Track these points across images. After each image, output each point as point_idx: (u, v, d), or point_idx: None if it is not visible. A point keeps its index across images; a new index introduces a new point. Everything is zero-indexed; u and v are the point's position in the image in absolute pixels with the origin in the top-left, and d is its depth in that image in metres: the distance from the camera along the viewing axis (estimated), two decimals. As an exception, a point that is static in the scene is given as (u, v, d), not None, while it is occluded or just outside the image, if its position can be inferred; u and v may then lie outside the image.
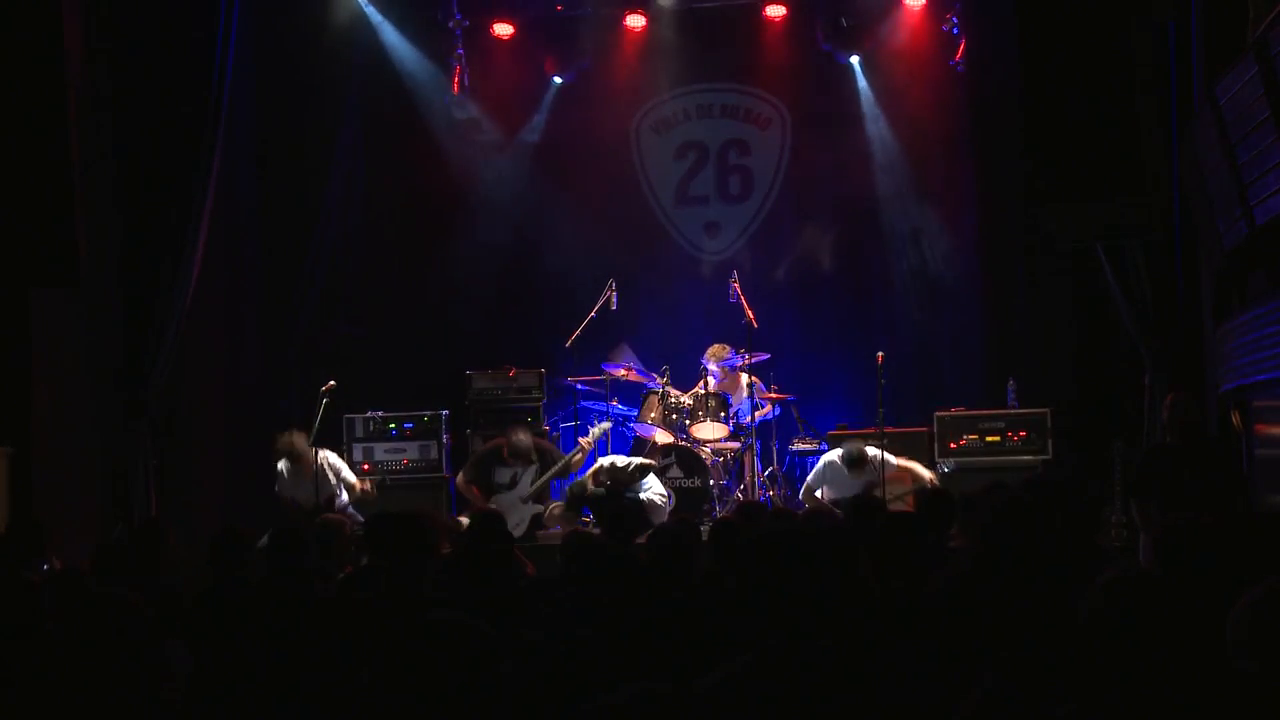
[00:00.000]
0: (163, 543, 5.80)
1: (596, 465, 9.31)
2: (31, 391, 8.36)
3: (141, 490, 9.00)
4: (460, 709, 2.69)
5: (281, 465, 9.02)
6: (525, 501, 9.38)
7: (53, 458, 8.44)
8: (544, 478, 9.41)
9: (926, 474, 9.16)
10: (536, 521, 9.38)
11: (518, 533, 8.90)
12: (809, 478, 9.23)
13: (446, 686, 2.71)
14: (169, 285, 9.08)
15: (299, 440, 8.88)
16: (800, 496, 9.32)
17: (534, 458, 9.43)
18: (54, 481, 8.39)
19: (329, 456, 9.05)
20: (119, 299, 9.14)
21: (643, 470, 9.31)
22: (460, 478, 9.62)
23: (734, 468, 10.13)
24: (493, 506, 9.27)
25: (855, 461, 8.85)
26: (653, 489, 9.29)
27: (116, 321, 9.14)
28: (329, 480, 8.92)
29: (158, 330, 9.07)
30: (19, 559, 5.85)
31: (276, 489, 9.06)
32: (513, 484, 9.43)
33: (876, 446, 9.12)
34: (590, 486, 9.23)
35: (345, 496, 9.01)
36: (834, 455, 9.10)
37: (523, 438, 9.41)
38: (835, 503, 8.86)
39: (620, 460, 9.37)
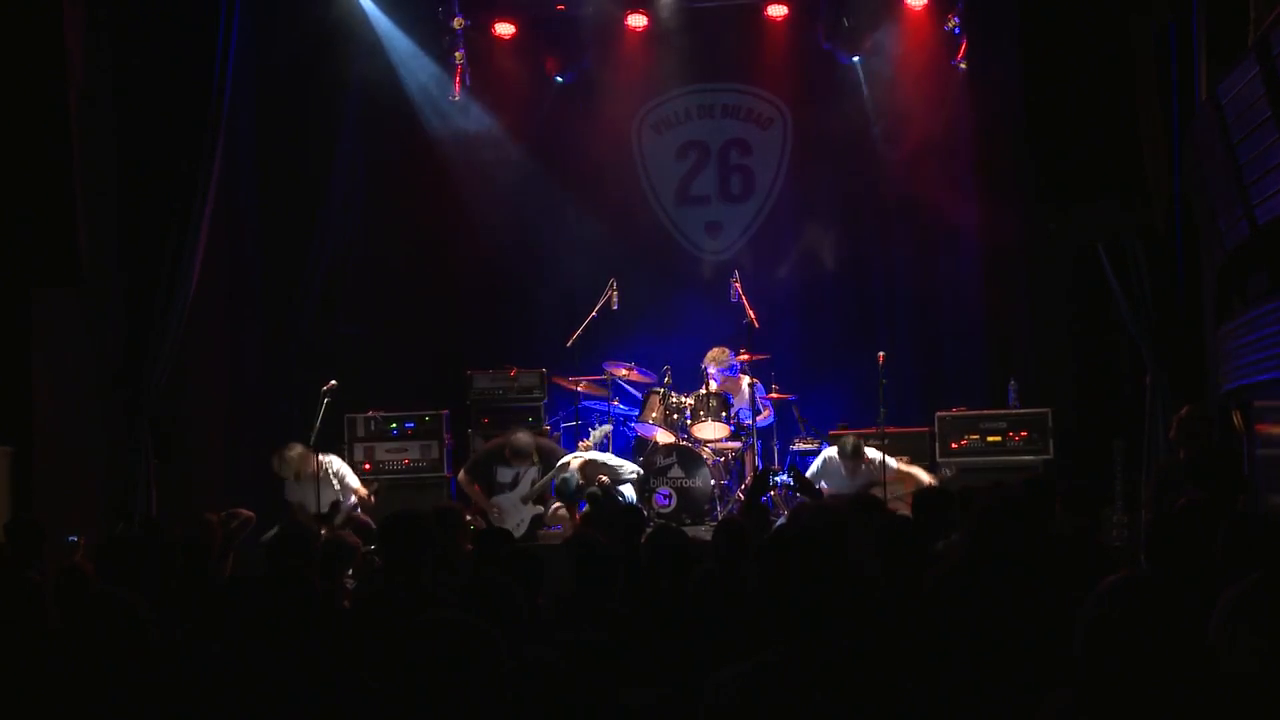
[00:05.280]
0: (163, 542, 5.79)
1: (585, 460, 9.24)
2: (31, 391, 8.34)
3: (142, 490, 9.00)
4: (463, 709, 2.69)
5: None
6: (526, 502, 9.38)
7: (53, 458, 8.43)
8: (545, 478, 9.40)
9: (927, 478, 9.15)
10: (537, 522, 9.38)
11: (518, 533, 8.91)
12: (807, 474, 9.23)
13: (449, 686, 2.70)
14: (169, 285, 9.06)
15: (297, 456, 8.79)
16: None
17: (535, 459, 9.42)
18: (54, 481, 8.37)
19: (333, 462, 9.01)
20: (119, 299, 9.12)
21: (622, 481, 9.29)
22: (462, 475, 9.62)
23: (735, 467, 10.13)
24: (493, 505, 9.34)
25: (853, 453, 8.86)
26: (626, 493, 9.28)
27: (116, 321, 9.13)
28: (333, 486, 8.89)
29: (158, 330, 9.05)
30: (19, 559, 5.86)
31: (286, 496, 9.05)
32: (514, 484, 9.43)
33: (877, 448, 9.13)
34: (579, 478, 9.19)
35: (352, 500, 8.98)
36: (832, 451, 9.10)
37: (523, 438, 9.39)
38: (833, 498, 8.87)
39: (618, 464, 9.35)
